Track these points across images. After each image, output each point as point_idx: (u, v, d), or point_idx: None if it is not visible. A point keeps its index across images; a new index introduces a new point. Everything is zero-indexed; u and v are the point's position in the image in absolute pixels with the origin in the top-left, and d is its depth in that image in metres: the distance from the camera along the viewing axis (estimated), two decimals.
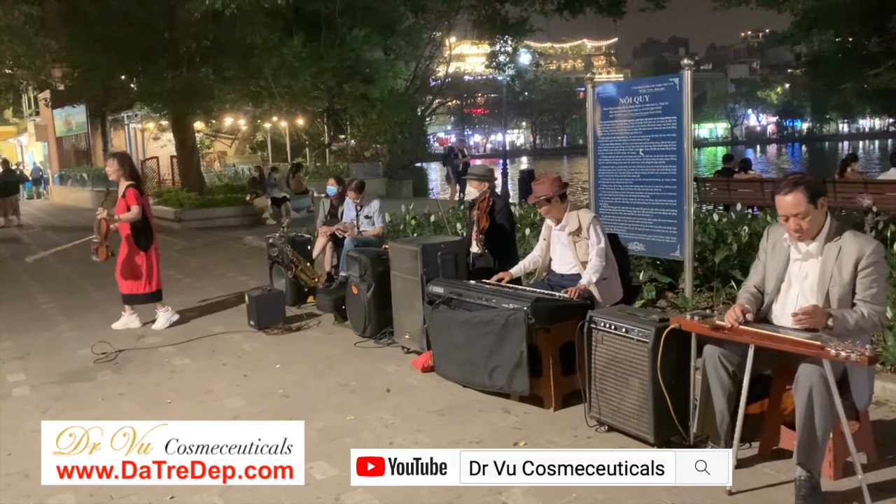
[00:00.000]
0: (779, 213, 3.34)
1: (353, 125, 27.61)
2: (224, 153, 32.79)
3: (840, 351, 2.86)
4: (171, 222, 16.85)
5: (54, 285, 9.69)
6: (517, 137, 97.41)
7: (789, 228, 3.31)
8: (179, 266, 10.95)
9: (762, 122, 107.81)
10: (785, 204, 3.27)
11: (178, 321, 7.08)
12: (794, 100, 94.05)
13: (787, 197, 3.26)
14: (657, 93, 6.16)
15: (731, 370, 3.37)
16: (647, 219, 6.32)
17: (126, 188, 6.75)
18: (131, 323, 7.02)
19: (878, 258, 3.23)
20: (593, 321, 3.94)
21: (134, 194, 6.74)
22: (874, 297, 3.22)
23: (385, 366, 5.50)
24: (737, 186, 13.02)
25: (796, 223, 3.27)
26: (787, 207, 3.27)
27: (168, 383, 5.38)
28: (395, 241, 6.25)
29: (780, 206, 3.30)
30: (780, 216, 3.34)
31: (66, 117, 31.13)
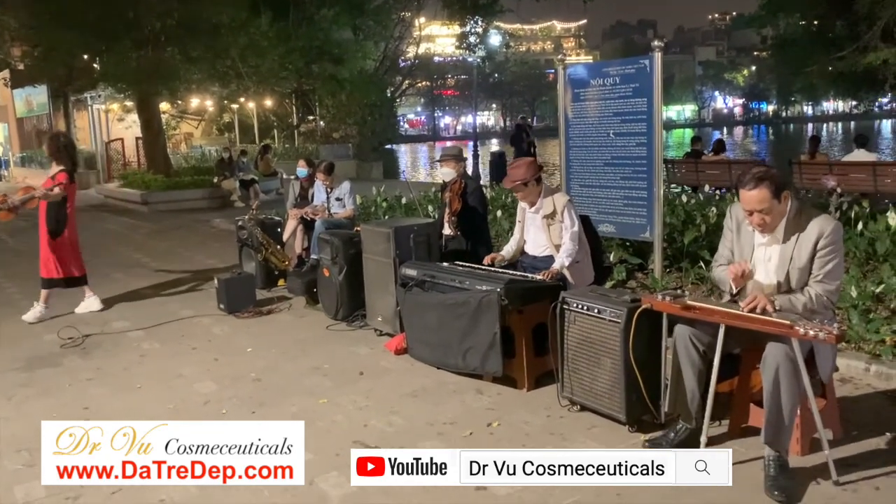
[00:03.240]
0: (742, 206, 3.36)
1: (323, 106, 27.35)
2: (191, 135, 32.22)
3: (808, 330, 2.91)
4: (138, 205, 16.58)
5: (17, 270, 9.47)
6: (488, 119, 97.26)
7: (753, 222, 3.35)
8: (146, 249, 10.79)
9: (729, 105, 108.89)
10: (749, 199, 3.29)
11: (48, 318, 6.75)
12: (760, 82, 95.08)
13: (751, 192, 3.28)
14: (627, 75, 6.18)
15: (702, 349, 3.41)
16: (618, 200, 6.36)
17: (59, 172, 6.62)
18: (93, 305, 6.92)
19: (836, 238, 3.29)
20: (566, 302, 3.96)
21: (62, 179, 6.58)
22: (827, 274, 3.28)
23: (358, 349, 5.48)
24: (705, 168, 13.17)
25: (760, 218, 3.31)
26: (751, 202, 3.29)
27: (137, 368, 5.31)
28: (368, 224, 6.21)
29: (743, 200, 3.33)
30: (743, 209, 3.37)
31: (26, 98, 30.33)
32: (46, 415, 4.42)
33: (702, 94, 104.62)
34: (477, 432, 3.89)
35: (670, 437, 3.52)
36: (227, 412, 4.35)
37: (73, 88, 23.88)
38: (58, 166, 6.67)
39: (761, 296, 3.23)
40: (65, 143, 6.88)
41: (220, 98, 23.35)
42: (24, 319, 6.63)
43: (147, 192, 16.60)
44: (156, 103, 19.19)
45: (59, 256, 6.73)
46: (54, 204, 6.61)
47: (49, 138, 6.95)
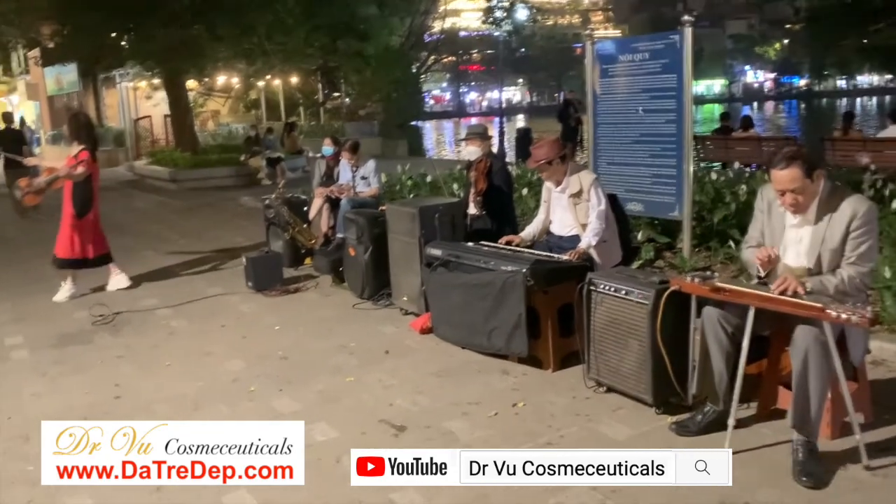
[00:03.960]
0: (774, 186, 3.30)
1: (348, 83, 27.29)
2: (217, 112, 32.40)
3: (841, 313, 2.86)
4: (166, 182, 16.74)
5: (48, 247, 9.61)
6: (514, 95, 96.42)
7: (785, 202, 3.28)
8: (175, 227, 10.90)
9: (759, 79, 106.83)
10: (781, 178, 3.23)
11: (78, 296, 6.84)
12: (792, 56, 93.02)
13: (783, 171, 3.21)
14: (657, 50, 6.07)
15: (730, 331, 3.36)
16: (646, 178, 6.28)
17: (80, 151, 6.67)
18: (121, 283, 7.00)
19: (870, 218, 3.22)
20: (593, 283, 3.93)
21: (85, 159, 6.63)
22: (861, 256, 3.21)
23: (383, 327, 5.50)
24: (734, 144, 12.96)
25: (793, 198, 3.24)
26: (783, 182, 3.23)
27: (166, 345, 5.39)
28: (393, 203, 6.21)
29: (775, 179, 3.26)
30: (774, 189, 3.31)
31: (57, 76, 30.61)
32: (78, 391, 4.53)
33: (731, 69, 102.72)
34: (502, 412, 3.89)
35: (697, 420, 3.49)
36: (255, 390, 4.40)
37: (101, 67, 24.05)
38: (79, 145, 6.73)
39: (791, 278, 3.17)
40: (84, 122, 6.97)
41: (247, 75, 23.41)
42: (55, 300, 6.72)
43: (175, 170, 16.75)
44: (183, 81, 19.28)
45: (81, 237, 6.79)
46: (80, 183, 6.67)
47: (69, 118, 7.02)
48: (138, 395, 4.43)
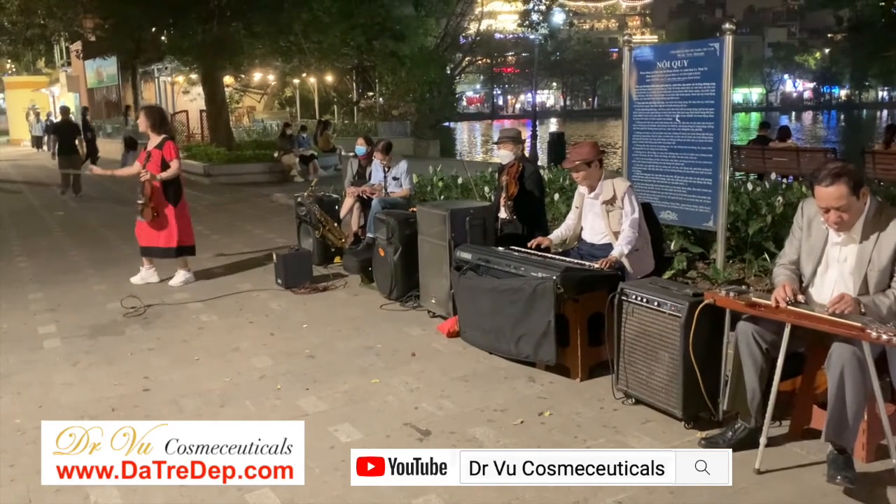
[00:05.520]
0: (818, 204, 3.20)
1: (382, 83, 27.41)
2: (253, 108, 32.74)
3: (882, 333, 2.78)
4: (200, 177, 16.91)
5: (84, 238, 9.80)
6: (547, 98, 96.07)
7: (829, 220, 3.18)
8: (208, 221, 11.01)
9: (798, 88, 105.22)
10: (826, 196, 3.13)
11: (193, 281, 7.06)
12: (832, 65, 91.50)
13: (828, 189, 3.11)
14: (696, 58, 5.98)
15: (765, 347, 3.29)
16: (681, 187, 6.19)
17: (164, 141, 6.75)
18: (150, 277, 7.06)
19: None
20: (624, 293, 3.87)
21: (175, 148, 6.78)
22: None
23: (410, 329, 5.49)
24: (772, 155, 12.75)
25: (837, 216, 3.14)
26: (828, 199, 3.13)
27: (196, 340, 5.43)
28: (424, 205, 6.19)
29: (819, 197, 3.16)
30: (819, 207, 3.22)
31: (97, 69, 31.24)
32: (108, 382, 4.58)
33: (770, 77, 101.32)
34: (528, 421, 3.85)
35: (728, 436, 3.42)
36: (281, 388, 4.40)
37: (140, 61, 24.44)
38: (159, 136, 6.80)
39: (849, 296, 3.08)
40: (163, 114, 7.19)
41: (283, 73, 23.60)
42: (171, 285, 6.92)
43: (209, 165, 16.92)
44: (220, 77, 19.50)
45: (185, 223, 6.94)
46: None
47: (147, 110, 7.09)
48: (167, 388, 4.47)
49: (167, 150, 6.72)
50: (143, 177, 6.65)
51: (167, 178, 6.71)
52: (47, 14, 21.41)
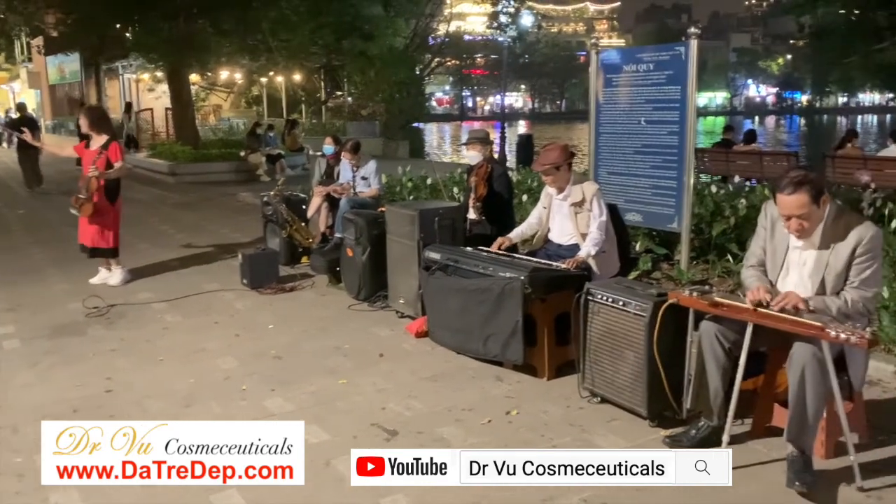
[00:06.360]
0: (780, 211, 3.25)
1: (351, 83, 27.31)
2: (219, 107, 32.36)
3: (840, 332, 2.84)
4: (165, 176, 16.69)
5: (46, 236, 9.61)
6: (516, 100, 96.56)
7: (790, 227, 3.23)
8: (173, 221, 10.87)
9: (762, 93, 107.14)
10: (787, 204, 3.18)
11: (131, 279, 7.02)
12: (795, 71, 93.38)
13: (790, 197, 3.16)
14: (662, 61, 6.06)
15: (728, 346, 3.34)
16: (646, 189, 6.27)
17: (109, 142, 6.70)
18: (110, 278, 6.96)
19: (875, 245, 3.20)
20: (590, 293, 3.91)
21: (120, 150, 6.74)
22: (864, 281, 3.19)
23: (379, 330, 5.48)
24: (735, 158, 12.97)
25: (798, 223, 3.20)
26: (790, 208, 3.18)
27: (160, 340, 5.35)
28: (393, 205, 6.18)
29: (781, 204, 3.21)
30: (780, 214, 3.27)
31: (59, 65, 30.62)
32: (69, 384, 4.49)
33: (734, 82, 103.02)
34: (495, 420, 3.87)
35: (691, 435, 3.47)
36: (246, 388, 4.36)
37: (104, 57, 24.04)
38: (101, 136, 6.73)
39: (794, 294, 3.15)
40: (104, 113, 7.13)
41: (250, 71, 23.38)
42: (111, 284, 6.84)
43: (175, 164, 16.70)
44: (186, 75, 19.24)
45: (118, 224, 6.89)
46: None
47: (88, 109, 7.02)
48: (130, 389, 4.40)
49: (112, 150, 6.67)
50: (92, 173, 6.58)
51: (113, 177, 6.67)
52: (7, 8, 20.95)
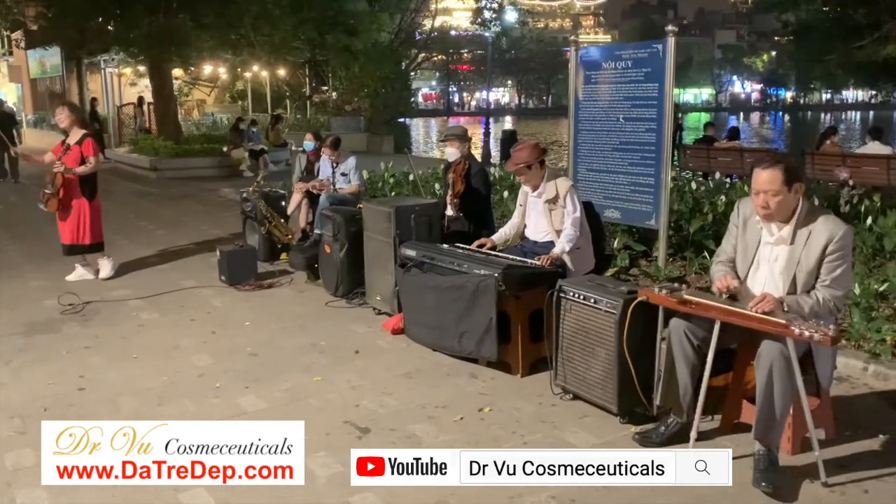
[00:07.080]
0: (752, 186, 3.31)
1: (336, 78, 27.12)
2: (203, 101, 32.12)
3: (804, 330, 2.87)
4: (147, 171, 16.57)
5: (22, 232, 9.52)
6: (502, 96, 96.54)
7: (757, 203, 3.29)
8: (153, 217, 10.80)
9: (747, 90, 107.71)
10: (760, 179, 3.25)
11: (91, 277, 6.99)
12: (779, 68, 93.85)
13: (763, 172, 3.24)
14: (640, 59, 6.08)
15: (696, 344, 3.37)
16: (625, 186, 6.29)
17: (84, 137, 6.66)
18: (86, 275, 6.92)
19: (846, 243, 3.23)
20: (563, 290, 3.92)
21: (93, 144, 6.69)
22: (835, 280, 3.22)
23: (356, 326, 5.47)
24: (717, 155, 13.04)
25: (765, 200, 3.25)
26: (761, 182, 3.25)
27: (135, 337, 5.32)
28: (370, 202, 6.18)
29: (754, 179, 3.29)
30: (752, 191, 3.32)
31: (40, 59, 30.28)
32: (42, 381, 4.47)
33: (720, 78, 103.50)
34: (468, 417, 3.88)
35: (661, 431, 3.50)
36: (220, 386, 4.35)
37: (86, 51, 23.77)
38: (80, 131, 6.71)
39: (770, 295, 3.18)
40: (80, 109, 7.08)
41: (233, 66, 23.22)
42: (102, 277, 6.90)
43: (156, 159, 16.57)
44: (168, 69, 19.08)
45: (98, 219, 6.86)
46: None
47: (64, 105, 6.94)
48: (103, 387, 4.38)
49: (86, 146, 6.62)
50: (57, 168, 6.55)
51: (83, 173, 6.62)
52: None
